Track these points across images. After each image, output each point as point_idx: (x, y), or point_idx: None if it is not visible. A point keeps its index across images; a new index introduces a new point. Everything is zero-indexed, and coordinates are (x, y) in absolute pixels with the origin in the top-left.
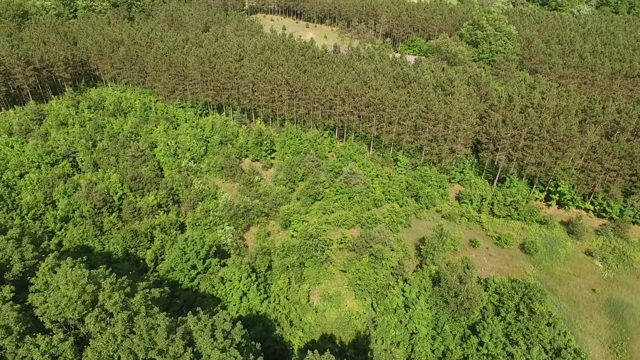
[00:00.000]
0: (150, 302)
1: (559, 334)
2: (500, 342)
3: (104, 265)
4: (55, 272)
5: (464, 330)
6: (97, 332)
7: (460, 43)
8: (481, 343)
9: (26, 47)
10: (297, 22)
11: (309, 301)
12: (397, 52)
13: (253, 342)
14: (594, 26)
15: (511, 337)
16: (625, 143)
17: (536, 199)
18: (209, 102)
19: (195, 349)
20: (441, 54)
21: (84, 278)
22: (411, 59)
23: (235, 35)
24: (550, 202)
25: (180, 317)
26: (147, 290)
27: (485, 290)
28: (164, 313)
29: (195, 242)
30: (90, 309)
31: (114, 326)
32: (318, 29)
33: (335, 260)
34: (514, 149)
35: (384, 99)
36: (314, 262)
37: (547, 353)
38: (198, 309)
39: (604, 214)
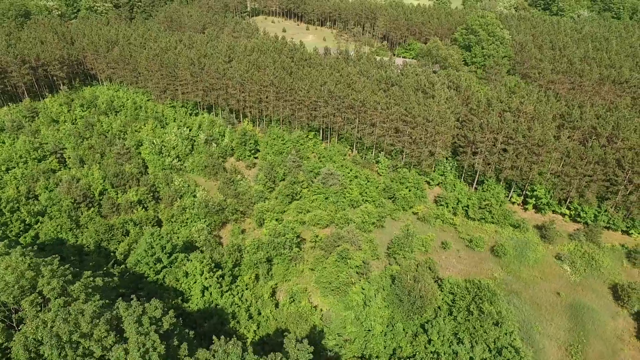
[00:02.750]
0: (91, 290)
1: (505, 334)
2: (448, 340)
3: (76, 257)
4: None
5: (416, 329)
6: (32, 317)
7: (450, 47)
8: (430, 341)
9: (23, 46)
10: (297, 25)
11: (274, 297)
12: (394, 55)
13: (187, 330)
14: (590, 31)
15: (458, 336)
16: (599, 149)
17: (513, 202)
18: (199, 103)
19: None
20: (432, 57)
21: (24, 264)
22: (400, 61)
23: (233, 37)
24: (527, 206)
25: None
26: (91, 278)
27: (440, 290)
28: (104, 300)
29: (162, 237)
30: (28, 295)
31: (48, 312)
32: (318, 32)
33: (306, 258)
34: (490, 152)
35: (365, 101)
36: (283, 260)
37: (490, 352)
38: (133, 296)
39: (579, 219)
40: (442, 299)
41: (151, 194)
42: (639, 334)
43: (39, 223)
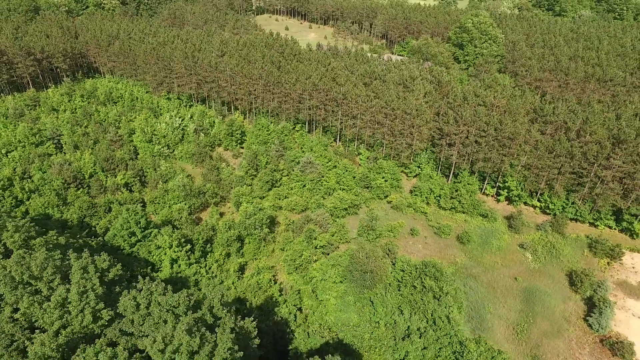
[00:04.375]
0: (52, 246)
1: (446, 307)
2: (390, 311)
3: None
4: None
5: (365, 302)
6: None
7: (441, 44)
8: (375, 312)
9: (29, 39)
10: (301, 23)
11: (241, 272)
12: (392, 52)
13: (134, 284)
14: (585, 31)
15: (400, 307)
16: (566, 142)
17: (487, 194)
18: (194, 95)
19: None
20: (422, 54)
21: None
22: (388, 58)
23: (233, 33)
24: (499, 198)
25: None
26: (55, 237)
27: (393, 269)
28: (57, 252)
29: (137, 213)
30: None
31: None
32: (321, 30)
33: (277, 239)
34: (464, 145)
35: (347, 94)
36: (254, 239)
37: (427, 322)
38: (85, 250)
39: (548, 211)
40: (393, 276)
41: (138, 178)
42: (586, 316)
43: (30, 200)
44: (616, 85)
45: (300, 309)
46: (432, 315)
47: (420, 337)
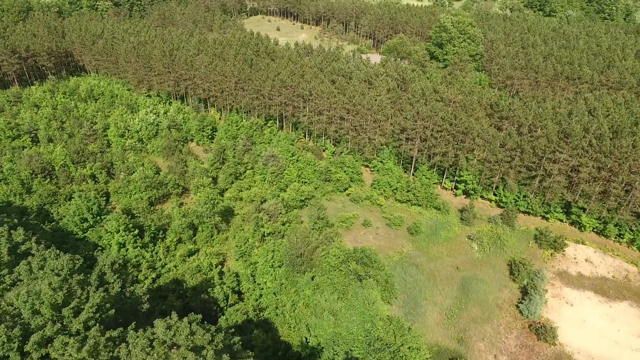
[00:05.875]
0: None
1: (367, 289)
2: (315, 292)
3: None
4: None
5: (298, 285)
6: None
7: (417, 43)
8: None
9: (15, 38)
10: (293, 24)
11: (189, 256)
12: (379, 52)
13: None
14: (566, 31)
15: (323, 288)
16: (516, 136)
17: (446, 188)
18: (172, 92)
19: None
20: (398, 53)
21: None
22: (370, 57)
23: (220, 34)
24: (457, 192)
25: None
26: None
27: (328, 255)
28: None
29: (90, 200)
30: None
31: None
32: (312, 30)
33: (232, 228)
34: (421, 139)
35: (313, 90)
36: (206, 227)
37: (346, 302)
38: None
39: (502, 204)
40: (327, 261)
41: (106, 170)
42: (519, 303)
43: None
44: (584, 83)
45: (239, 292)
46: (351, 296)
47: (334, 316)
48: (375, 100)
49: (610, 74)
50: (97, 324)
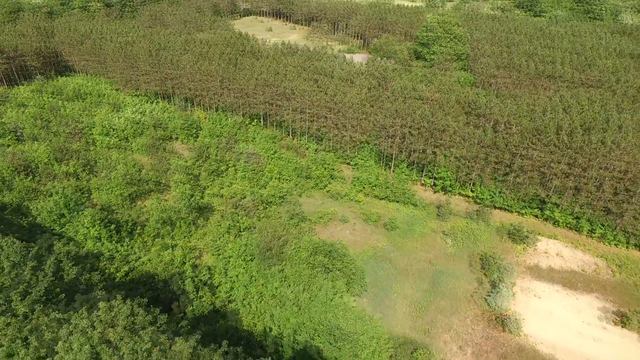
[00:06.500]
0: None
1: (331, 280)
2: (282, 284)
3: None
4: None
5: (266, 277)
6: None
7: (402, 43)
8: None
9: (3, 38)
10: (285, 24)
11: (165, 250)
12: (369, 52)
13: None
14: (552, 30)
15: (289, 280)
16: (491, 133)
17: (424, 184)
18: (158, 91)
19: None
20: (383, 52)
21: None
22: (350, 56)
23: (210, 34)
24: (435, 188)
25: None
26: None
27: (298, 248)
28: None
29: (67, 196)
30: None
31: None
32: (304, 31)
33: (209, 223)
34: (400, 137)
35: (294, 89)
36: (184, 222)
37: (310, 293)
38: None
39: (479, 201)
40: (297, 255)
41: (88, 167)
42: (487, 296)
43: None
44: (564, 82)
45: (211, 285)
46: (316, 288)
47: (297, 306)
48: (355, 98)
49: (590, 72)
50: (44, 307)
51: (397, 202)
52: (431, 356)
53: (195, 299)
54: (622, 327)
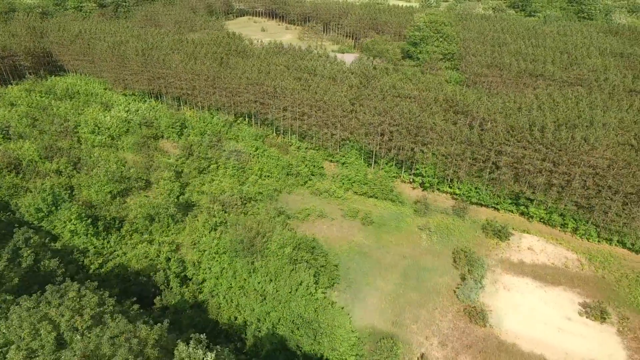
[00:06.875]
0: None
1: (302, 272)
2: (255, 276)
3: None
4: None
5: (237, 270)
6: None
7: (390, 42)
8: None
9: None
10: (279, 25)
11: (142, 244)
12: (361, 51)
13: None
14: (540, 30)
15: (255, 271)
16: (467, 130)
17: (404, 181)
18: (147, 90)
19: None
20: (372, 52)
21: None
22: (344, 56)
23: (203, 34)
24: (415, 185)
25: None
26: None
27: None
28: None
29: (45, 191)
30: None
31: None
32: (298, 31)
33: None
34: (380, 134)
35: (278, 87)
36: (164, 217)
37: (279, 285)
38: None
39: (456, 196)
40: (268, 248)
41: (72, 165)
42: (456, 289)
43: None
44: (546, 80)
45: (185, 277)
46: (282, 278)
47: (262, 296)
48: (339, 96)
49: (572, 70)
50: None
51: (377, 198)
52: (396, 346)
53: (165, 290)
54: (587, 317)
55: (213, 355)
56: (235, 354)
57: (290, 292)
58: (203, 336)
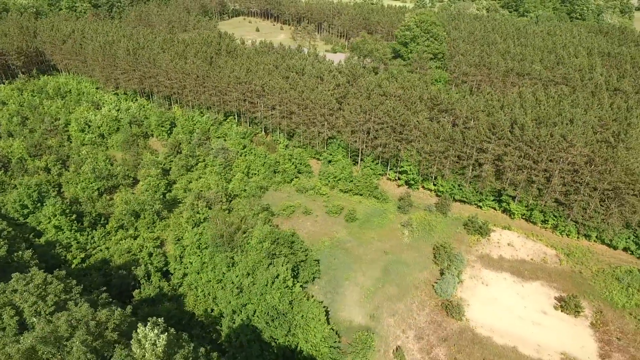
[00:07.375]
0: None
1: (279, 266)
2: (233, 270)
3: None
4: None
5: (217, 263)
6: None
7: (379, 42)
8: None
9: None
10: (273, 25)
11: (126, 239)
12: (351, 51)
13: None
14: (529, 29)
15: (234, 265)
16: (449, 128)
17: (390, 179)
18: (137, 89)
19: None
20: (361, 51)
21: None
22: (331, 56)
23: (195, 34)
24: (399, 182)
25: None
26: None
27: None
28: None
29: (30, 187)
30: None
31: None
32: (291, 31)
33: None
34: (365, 132)
35: (265, 85)
36: (149, 214)
37: (256, 278)
38: None
39: (440, 194)
40: (248, 243)
41: (61, 162)
42: (435, 283)
43: None
44: (533, 79)
45: (167, 272)
46: (259, 272)
47: (238, 289)
48: (324, 94)
49: (557, 70)
50: None
51: (362, 195)
52: (371, 339)
53: (145, 284)
54: (562, 311)
55: (165, 336)
56: (202, 343)
57: (266, 285)
58: (161, 320)
